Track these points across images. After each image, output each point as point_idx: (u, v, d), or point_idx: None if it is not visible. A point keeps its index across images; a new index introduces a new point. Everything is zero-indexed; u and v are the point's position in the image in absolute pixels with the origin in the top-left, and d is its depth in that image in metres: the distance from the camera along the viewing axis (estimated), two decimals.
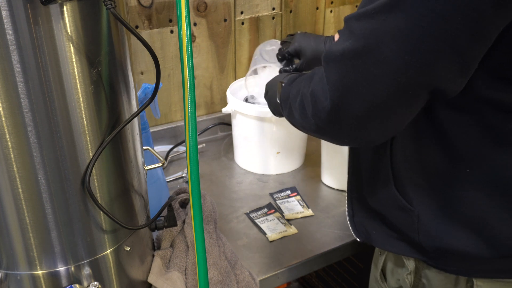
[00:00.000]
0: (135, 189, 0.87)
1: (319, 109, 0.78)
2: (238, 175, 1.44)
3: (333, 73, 0.74)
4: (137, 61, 1.44)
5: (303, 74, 0.98)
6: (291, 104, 0.90)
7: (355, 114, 0.74)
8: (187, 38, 0.71)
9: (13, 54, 0.63)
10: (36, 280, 0.79)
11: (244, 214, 1.26)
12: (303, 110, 0.84)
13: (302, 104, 0.84)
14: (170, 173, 1.44)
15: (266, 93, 1.14)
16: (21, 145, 0.68)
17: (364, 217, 0.99)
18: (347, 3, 1.75)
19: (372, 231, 0.97)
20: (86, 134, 0.73)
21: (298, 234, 1.19)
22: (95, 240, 0.80)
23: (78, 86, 0.69)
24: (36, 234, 0.75)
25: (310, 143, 1.52)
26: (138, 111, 0.80)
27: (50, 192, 0.73)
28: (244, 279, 1.02)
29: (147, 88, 1.06)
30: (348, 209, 1.02)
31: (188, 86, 0.73)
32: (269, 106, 1.14)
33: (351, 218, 1.02)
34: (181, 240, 1.01)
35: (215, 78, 1.60)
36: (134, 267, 0.90)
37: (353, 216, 1.02)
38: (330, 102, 0.75)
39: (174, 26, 1.46)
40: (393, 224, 0.91)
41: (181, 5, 0.70)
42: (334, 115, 0.76)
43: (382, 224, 0.94)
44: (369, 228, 0.98)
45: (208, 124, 1.62)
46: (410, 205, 0.86)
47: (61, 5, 0.64)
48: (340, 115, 0.75)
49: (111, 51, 0.73)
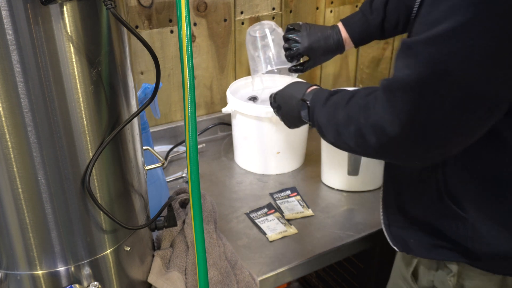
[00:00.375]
0: (135, 189, 0.87)
1: (387, 139, 0.76)
2: (238, 175, 1.44)
3: (403, 103, 0.72)
4: (137, 61, 1.44)
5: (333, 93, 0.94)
6: (340, 130, 0.87)
7: (432, 139, 0.73)
8: (187, 38, 0.71)
9: (13, 54, 0.63)
10: (36, 280, 0.79)
11: (244, 214, 1.26)
12: (361, 139, 0.81)
13: (359, 133, 0.81)
14: (170, 173, 1.44)
15: (277, 107, 1.11)
16: (21, 145, 0.68)
17: (402, 226, 0.97)
18: (347, 3, 1.75)
19: (410, 239, 0.95)
20: (86, 134, 0.73)
21: (298, 234, 1.19)
22: (95, 240, 0.80)
23: (78, 86, 0.69)
24: (36, 234, 0.75)
25: (310, 143, 1.52)
26: (138, 111, 0.80)
27: (50, 192, 0.73)
28: (244, 279, 1.02)
29: (147, 88, 1.06)
30: (383, 218, 1.01)
31: (188, 86, 0.73)
32: (283, 119, 1.11)
33: (388, 227, 1.00)
34: (181, 240, 1.01)
35: (215, 78, 1.60)
36: (134, 267, 0.90)
37: (389, 225, 1.00)
38: (402, 132, 0.73)
39: (174, 26, 1.46)
40: (439, 232, 0.90)
41: (181, 5, 0.70)
42: (407, 144, 0.75)
43: (422, 233, 0.93)
44: (406, 237, 0.96)
45: (208, 124, 1.62)
46: (463, 213, 0.85)
47: (61, 5, 0.64)
48: (414, 142, 0.74)
49: (111, 51, 0.73)
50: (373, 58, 1.88)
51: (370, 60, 1.87)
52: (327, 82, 1.82)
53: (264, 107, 1.36)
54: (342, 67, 1.83)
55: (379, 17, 1.21)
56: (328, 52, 1.25)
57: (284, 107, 1.08)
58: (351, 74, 1.86)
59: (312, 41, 1.22)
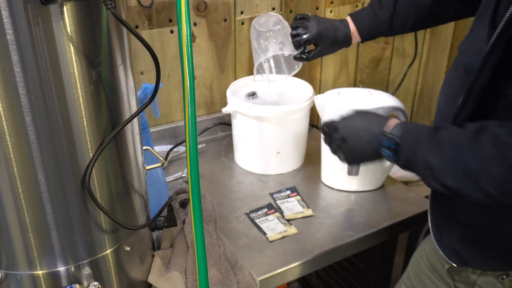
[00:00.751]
0: (135, 189, 0.87)
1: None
2: (238, 175, 1.44)
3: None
4: (137, 61, 1.44)
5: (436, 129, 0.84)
6: (475, 176, 0.77)
7: None
8: (187, 38, 0.71)
9: (13, 54, 0.63)
10: (36, 280, 0.79)
11: (244, 214, 1.26)
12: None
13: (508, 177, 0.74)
14: (170, 173, 1.44)
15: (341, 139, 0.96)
16: (21, 145, 0.68)
17: (455, 239, 0.94)
18: (347, 3, 1.75)
19: (466, 252, 0.92)
20: (86, 134, 0.73)
21: (298, 234, 1.19)
22: (95, 240, 0.80)
23: (78, 86, 0.69)
24: (36, 234, 0.75)
25: (310, 143, 1.52)
26: (138, 111, 0.80)
27: (50, 192, 0.73)
28: (244, 279, 1.02)
29: (147, 88, 1.06)
30: (434, 234, 0.96)
31: (188, 86, 0.73)
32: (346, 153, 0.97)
33: (440, 242, 0.96)
34: (181, 240, 1.01)
35: (215, 78, 1.60)
36: (134, 267, 0.90)
37: (441, 240, 0.96)
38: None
39: (174, 26, 1.46)
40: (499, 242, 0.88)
41: (181, 5, 0.70)
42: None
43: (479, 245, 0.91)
44: (461, 251, 0.93)
45: (208, 124, 1.62)
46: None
47: (61, 5, 0.64)
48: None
49: (111, 51, 0.73)
50: (373, 58, 1.88)
51: (370, 60, 1.87)
52: (327, 82, 1.82)
53: (264, 107, 1.36)
54: (342, 67, 1.83)
55: (388, 13, 1.21)
56: (335, 42, 1.26)
57: (352, 140, 0.94)
58: (351, 74, 1.86)
59: (321, 29, 1.22)
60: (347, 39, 1.25)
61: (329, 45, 1.25)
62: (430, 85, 2.09)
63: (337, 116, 1.01)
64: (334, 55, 1.76)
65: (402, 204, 1.31)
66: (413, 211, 1.27)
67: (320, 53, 1.27)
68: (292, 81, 1.53)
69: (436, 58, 2.03)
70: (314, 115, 1.54)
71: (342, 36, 1.24)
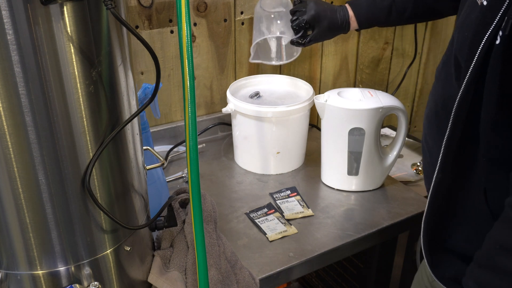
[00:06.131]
0: (135, 189, 0.87)
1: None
2: (238, 175, 1.44)
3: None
4: (137, 61, 1.44)
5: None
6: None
7: None
8: (187, 38, 0.71)
9: (13, 54, 0.63)
10: (36, 280, 0.79)
11: (244, 214, 1.26)
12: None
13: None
14: (170, 173, 1.44)
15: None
16: (21, 145, 0.68)
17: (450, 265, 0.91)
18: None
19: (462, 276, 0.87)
20: (86, 134, 0.73)
21: (298, 234, 1.19)
22: (95, 240, 0.80)
23: (78, 86, 0.69)
24: (36, 234, 0.75)
25: (310, 143, 1.52)
26: (138, 111, 0.80)
27: (50, 192, 0.73)
28: (244, 279, 1.02)
29: (147, 88, 1.06)
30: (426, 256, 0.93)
31: (188, 86, 0.73)
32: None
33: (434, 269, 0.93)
34: (181, 240, 1.01)
35: (215, 78, 1.60)
36: (134, 267, 0.90)
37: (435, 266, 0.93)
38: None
39: (174, 26, 1.46)
40: None
41: (181, 5, 0.70)
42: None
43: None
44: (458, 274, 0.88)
45: (208, 124, 1.62)
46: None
47: (61, 5, 0.64)
48: None
49: (111, 51, 0.73)
50: (373, 58, 1.88)
51: (370, 60, 1.87)
52: (327, 82, 1.82)
53: (264, 107, 1.36)
54: (342, 67, 1.83)
55: (388, 1, 1.22)
56: (333, 26, 1.25)
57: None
58: (351, 74, 1.86)
59: (319, 10, 1.22)
60: (345, 23, 1.24)
61: (326, 29, 1.24)
62: (430, 85, 2.09)
63: None
64: (334, 55, 1.77)
65: (402, 204, 1.31)
66: (413, 211, 1.27)
67: (317, 37, 1.26)
68: (292, 81, 1.53)
69: (436, 58, 2.02)
70: (314, 115, 1.54)
71: (340, 19, 1.23)
